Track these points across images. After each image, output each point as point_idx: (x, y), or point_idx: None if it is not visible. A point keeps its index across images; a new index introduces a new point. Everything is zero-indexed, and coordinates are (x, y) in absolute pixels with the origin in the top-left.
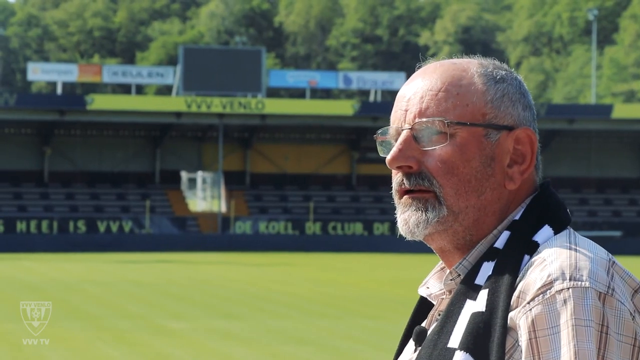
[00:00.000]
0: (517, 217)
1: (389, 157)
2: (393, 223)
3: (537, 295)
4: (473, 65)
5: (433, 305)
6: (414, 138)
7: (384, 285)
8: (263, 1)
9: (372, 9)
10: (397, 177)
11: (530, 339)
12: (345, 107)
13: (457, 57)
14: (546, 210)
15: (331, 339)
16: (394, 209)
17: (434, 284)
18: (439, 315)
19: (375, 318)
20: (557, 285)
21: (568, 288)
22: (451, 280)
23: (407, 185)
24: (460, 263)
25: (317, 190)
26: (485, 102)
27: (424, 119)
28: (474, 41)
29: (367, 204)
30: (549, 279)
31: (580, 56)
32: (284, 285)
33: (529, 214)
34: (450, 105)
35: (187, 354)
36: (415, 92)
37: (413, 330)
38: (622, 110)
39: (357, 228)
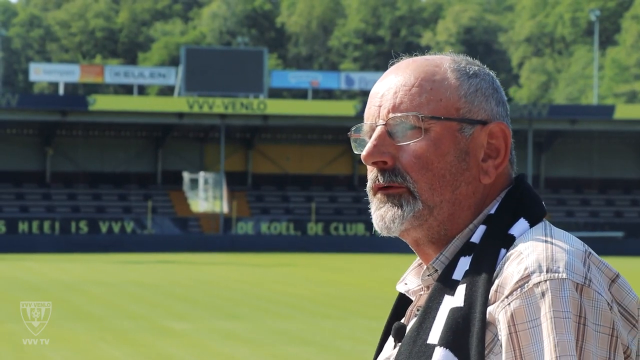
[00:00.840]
0: (492, 211)
1: (364, 153)
2: None
3: (515, 289)
4: (446, 61)
5: (411, 301)
6: (388, 133)
7: (387, 285)
8: (265, 2)
9: (374, 10)
10: (371, 174)
11: (510, 333)
12: (347, 108)
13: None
14: (521, 203)
15: (334, 339)
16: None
17: (412, 280)
18: (417, 310)
19: (378, 319)
20: (535, 278)
21: (545, 280)
22: (428, 275)
23: (381, 181)
24: (437, 258)
25: (319, 191)
26: (459, 96)
27: (398, 114)
28: (476, 42)
29: (369, 204)
30: (526, 272)
31: (582, 57)
32: (286, 285)
33: (504, 207)
34: (424, 100)
35: (189, 354)
36: (388, 88)
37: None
38: (624, 111)
39: (359, 228)
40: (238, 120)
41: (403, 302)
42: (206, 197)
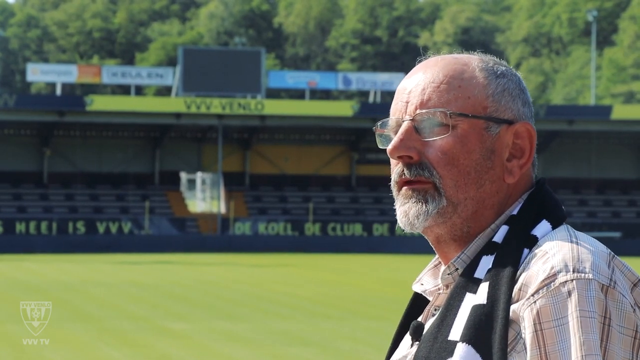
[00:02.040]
0: (515, 212)
1: (390, 147)
2: (392, 224)
3: (541, 288)
4: (474, 60)
5: (427, 301)
6: (415, 129)
7: (386, 286)
8: (262, 2)
9: (371, 10)
10: (397, 168)
11: (535, 331)
12: (344, 108)
13: (458, 53)
14: (543, 205)
15: (334, 340)
16: (394, 210)
17: (428, 280)
18: (435, 310)
19: (378, 319)
20: (561, 277)
21: (572, 280)
22: (449, 274)
23: (407, 175)
24: (458, 257)
25: (316, 191)
26: (487, 95)
27: (425, 110)
28: (473, 42)
29: (367, 204)
30: (552, 271)
31: (579, 57)
32: (285, 286)
33: (527, 208)
34: (452, 97)
35: (189, 355)
36: (416, 85)
37: (407, 326)
38: (621, 111)
39: (357, 229)
40: (235, 120)
41: (418, 302)
42: (204, 198)
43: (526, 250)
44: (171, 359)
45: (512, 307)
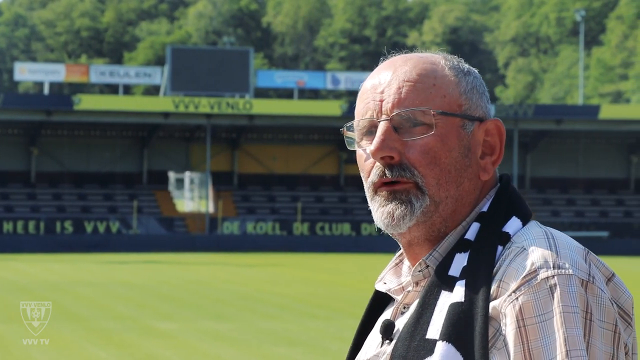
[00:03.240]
0: (484, 209)
1: (372, 148)
2: None
3: (523, 284)
4: (440, 59)
5: (388, 300)
6: (393, 128)
7: (373, 286)
8: (251, 1)
9: (360, 10)
10: (375, 169)
11: (518, 327)
12: (333, 108)
13: (423, 52)
14: (511, 202)
15: (322, 340)
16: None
17: (391, 279)
18: (405, 308)
19: None
20: (542, 273)
21: (553, 276)
22: (419, 271)
23: (389, 176)
24: (430, 254)
25: (304, 191)
26: (460, 93)
27: (404, 109)
28: (462, 42)
29: (355, 204)
30: (533, 267)
31: (567, 57)
32: (273, 285)
33: (496, 205)
34: (429, 96)
35: (177, 355)
36: (389, 83)
37: (369, 325)
38: (609, 111)
39: (345, 228)
40: (224, 120)
41: (379, 301)
42: (192, 197)
43: (500, 247)
44: (158, 358)
45: (492, 304)
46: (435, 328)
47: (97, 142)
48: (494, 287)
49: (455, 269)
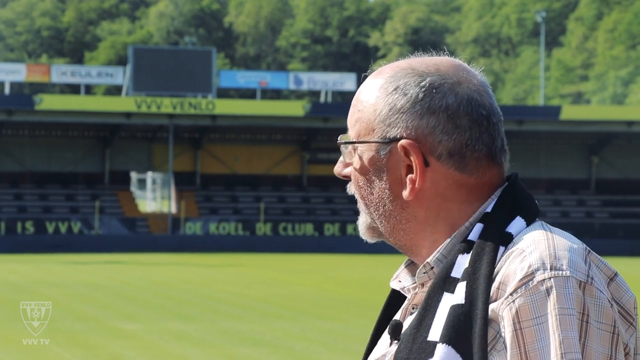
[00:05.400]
0: (488, 209)
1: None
2: (343, 224)
3: (520, 287)
4: (387, 73)
5: (404, 298)
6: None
7: (337, 286)
8: (213, 1)
9: (322, 10)
10: None
11: (515, 330)
12: (295, 108)
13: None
14: (516, 201)
15: (286, 340)
16: (345, 209)
17: (406, 277)
18: (413, 308)
19: (329, 319)
20: (539, 276)
21: (550, 278)
22: (424, 273)
23: (348, 191)
24: (433, 256)
25: (267, 191)
26: (375, 116)
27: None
28: (423, 42)
29: (318, 204)
30: (530, 269)
31: (528, 57)
32: (237, 286)
33: (501, 206)
34: (352, 122)
35: (141, 355)
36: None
37: (385, 323)
38: (570, 112)
39: (308, 229)
40: (186, 120)
41: (395, 299)
42: (154, 197)
43: (502, 248)
44: (122, 359)
45: (491, 306)
46: (436, 330)
47: (58, 142)
48: (493, 289)
49: (457, 271)
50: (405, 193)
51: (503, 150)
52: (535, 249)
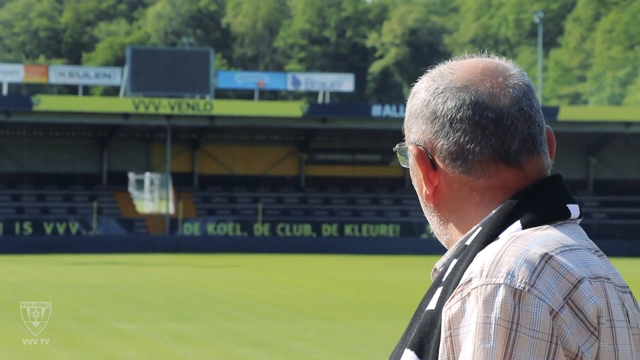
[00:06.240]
0: (492, 213)
1: None
2: (341, 224)
3: (457, 293)
4: (427, 79)
5: None
6: None
7: (335, 286)
8: (210, 2)
9: (319, 11)
10: None
11: (446, 337)
12: (293, 109)
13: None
14: (523, 205)
15: (285, 340)
16: (342, 210)
17: None
18: None
19: (328, 319)
20: (474, 283)
21: (481, 285)
22: (433, 277)
23: None
24: (441, 259)
25: (265, 192)
26: (405, 120)
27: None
28: (421, 43)
29: (316, 205)
30: (469, 276)
31: (526, 58)
32: (235, 286)
33: (503, 209)
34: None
35: (139, 356)
36: None
37: None
38: (568, 113)
39: (306, 229)
40: (184, 120)
41: None
42: (152, 198)
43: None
44: (121, 359)
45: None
46: (412, 335)
47: (56, 142)
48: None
49: (447, 275)
50: (426, 195)
51: (525, 151)
52: (484, 254)
